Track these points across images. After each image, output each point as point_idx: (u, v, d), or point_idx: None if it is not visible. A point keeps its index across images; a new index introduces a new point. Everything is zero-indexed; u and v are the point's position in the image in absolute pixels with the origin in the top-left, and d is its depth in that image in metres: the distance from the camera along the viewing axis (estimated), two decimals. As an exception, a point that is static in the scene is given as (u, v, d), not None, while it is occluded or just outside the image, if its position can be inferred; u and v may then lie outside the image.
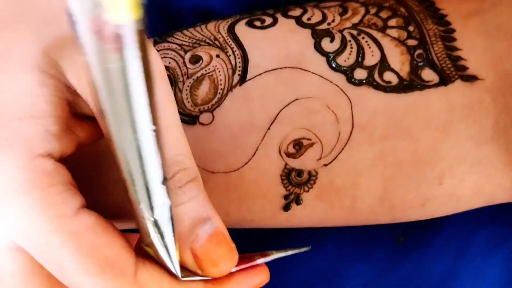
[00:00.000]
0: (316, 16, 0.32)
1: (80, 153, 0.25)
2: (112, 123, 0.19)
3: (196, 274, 0.24)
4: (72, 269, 0.22)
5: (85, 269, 0.22)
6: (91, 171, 0.28)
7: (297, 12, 0.32)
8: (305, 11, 0.32)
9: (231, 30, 0.32)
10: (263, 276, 0.26)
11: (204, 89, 0.31)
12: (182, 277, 0.24)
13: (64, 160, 0.23)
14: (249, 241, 0.37)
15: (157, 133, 0.20)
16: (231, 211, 0.32)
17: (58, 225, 0.21)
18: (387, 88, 0.30)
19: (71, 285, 0.22)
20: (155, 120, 0.19)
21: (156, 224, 0.22)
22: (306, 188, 0.31)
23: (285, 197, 0.31)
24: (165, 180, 0.21)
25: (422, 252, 0.37)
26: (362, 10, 0.32)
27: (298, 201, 0.31)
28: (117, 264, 0.22)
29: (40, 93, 0.22)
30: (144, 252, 0.24)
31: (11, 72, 0.22)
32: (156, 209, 0.21)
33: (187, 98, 0.31)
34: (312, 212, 0.32)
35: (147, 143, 0.19)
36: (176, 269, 0.24)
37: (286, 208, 0.31)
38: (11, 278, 0.23)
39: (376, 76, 0.30)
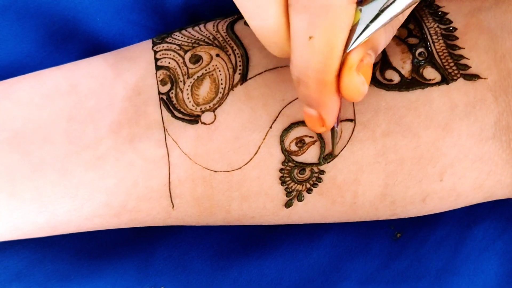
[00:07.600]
0: None
1: None
2: None
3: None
4: None
5: None
6: None
7: None
8: None
9: (230, 29, 0.32)
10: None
11: (205, 89, 0.30)
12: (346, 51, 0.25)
13: None
14: (244, 236, 0.38)
15: None
16: (232, 209, 0.31)
17: None
18: (389, 87, 0.30)
19: None
20: None
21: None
22: (308, 185, 0.31)
23: (287, 194, 0.31)
24: None
25: (419, 247, 0.37)
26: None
27: (300, 197, 0.31)
28: None
29: None
30: None
31: None
32: None
33: (188, 98, 0.30)
34: (313, 208, 0.32)
35: None
36: (355, 43, 0.25)
37: (288, 205, 0.31)
38: None
39: (377, 74, 0.30)
